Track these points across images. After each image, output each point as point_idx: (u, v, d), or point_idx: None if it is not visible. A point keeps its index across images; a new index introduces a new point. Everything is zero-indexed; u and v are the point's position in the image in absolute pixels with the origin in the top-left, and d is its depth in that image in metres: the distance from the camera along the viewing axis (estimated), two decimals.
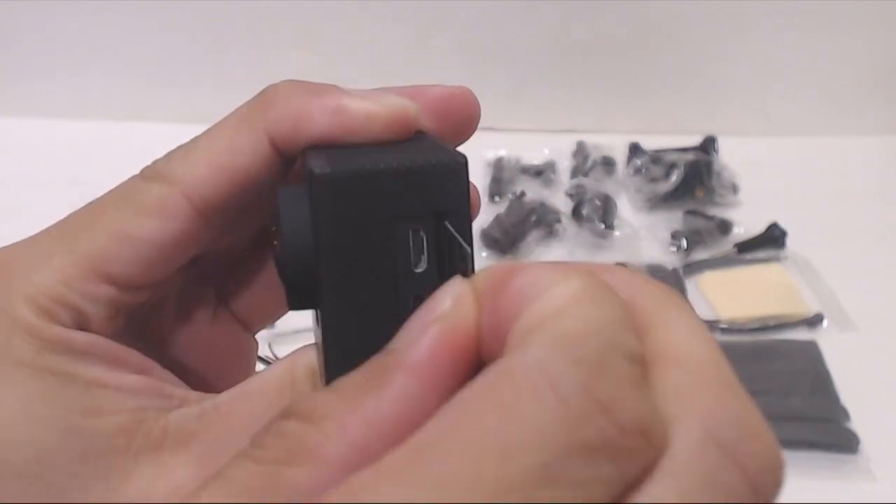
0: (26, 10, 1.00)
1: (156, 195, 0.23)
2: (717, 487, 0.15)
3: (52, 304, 0.23)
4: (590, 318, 0.15)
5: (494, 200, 0.93)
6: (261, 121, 0.23)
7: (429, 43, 1.03)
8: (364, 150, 0.23)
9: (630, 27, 1.02)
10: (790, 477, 0.60)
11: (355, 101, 0.23)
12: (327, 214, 0.20)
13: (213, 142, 0.24)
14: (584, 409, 0.14)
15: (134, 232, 0.23)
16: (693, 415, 0.15)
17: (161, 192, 0.23)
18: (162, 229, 0.23)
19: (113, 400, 0.23)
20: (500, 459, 0.14)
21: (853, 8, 0.99)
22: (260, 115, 0.23)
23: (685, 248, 0.85)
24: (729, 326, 0.76)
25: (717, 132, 0.99)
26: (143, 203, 0.23)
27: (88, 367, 0.23)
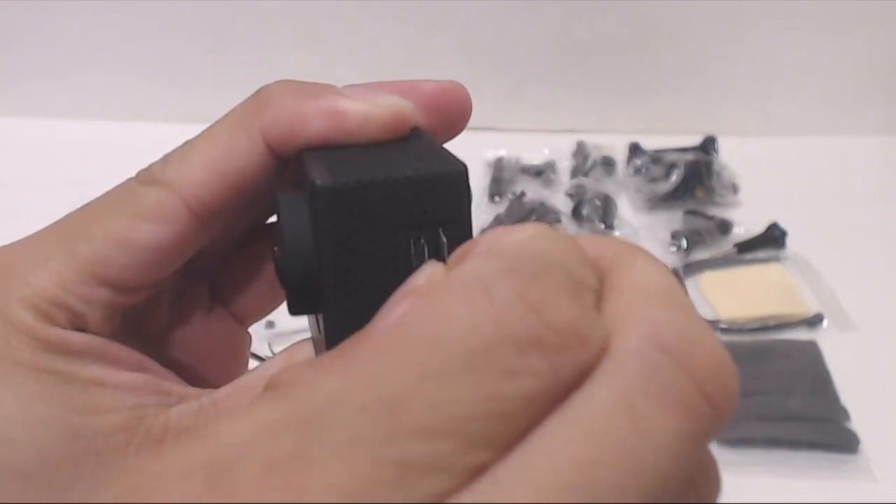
0: (26, 10, 1.00)
1: (153, 200, 0.23)
2: (662, 387, 0.15)
3: (49, 307, 0.23)
4: (537, 246, 0.16)
5: (494, 200, 0.93)
6: (256, 123, 0.23)
7: (429, 43, 1.03)
8: (361, 151, 0.23)
9: (630, 27, 1.02)
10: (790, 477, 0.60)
11: (351, 104, 0.23)
12: (329, 224, 0.21)
13: (209, 145, 0.24)
14: (513, 307, 0.14)
15: (131, 236, 0.23)
16: (636, 324, 0.15)
17: (158, 197, 0.23)
18: (159, 234, 0.23)
19: (111, 398, 0.23)
20: (428, 348, 0.14)
21: (853, 8, 0.99)
22: (255, 118, 0.23)
23: (685, 248, 0.85)
24: (729, 326, 0.76)
25: (717, 132, 0.99)
26: (141, 207, 0.23)
27: (86, 367, 0.23)
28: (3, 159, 0.96)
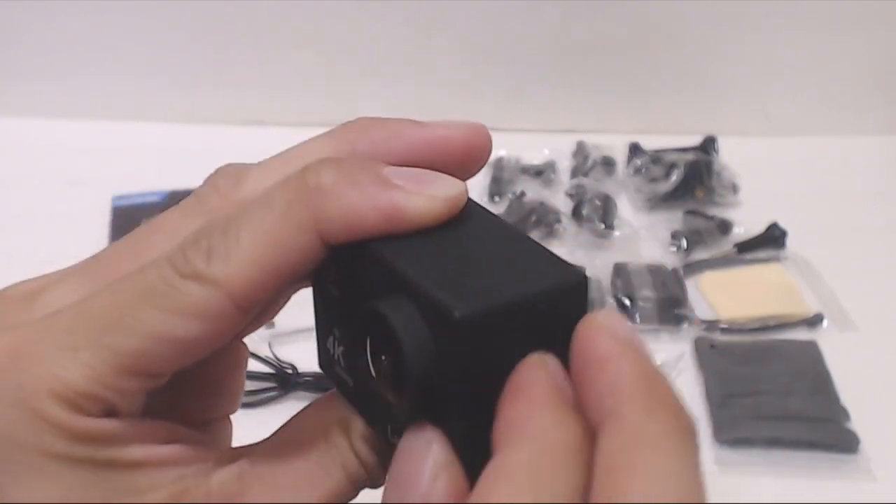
0: (26, 10, 1.00)
1: (198, 298, 0.22)
2: None
3: (81, 400, 0.22)
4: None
5: (494, 200, 0.93)
6: (309, 216, 0.22)
7: (429, 43, 1.03)
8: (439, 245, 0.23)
9: (630, 27, 1.02)
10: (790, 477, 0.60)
11: (411, 200, 0.22)
12: (463, 350, 0.21)
13: (257, 239, 0.22)
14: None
15: (174, 334, 0.22)
16: None
17: (204, 295, 0.22)
18: (203, 330, 0.22)
19: (152, 476, 0.23)
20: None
21: (853, 8, 0.99)
22: (308, 210, 0.22)
23: (685, 248, 0.85)
24: (729, 326, 0.76)
25: (717, 132, 0.99)
26: (185, 304, 0.22)
27: (123, 451, 0.23)
28: (3, 159, 0.96)
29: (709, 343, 0.73)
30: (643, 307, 0.76)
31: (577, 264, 0.82)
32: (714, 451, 0.64)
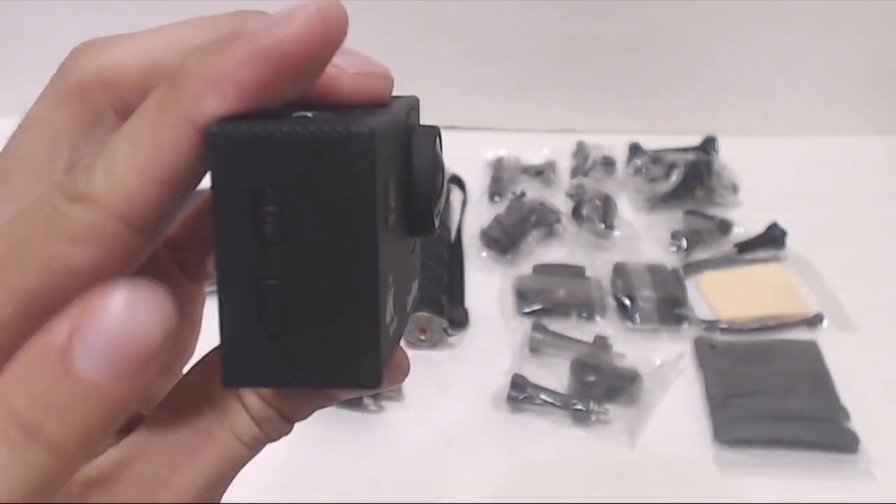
0: (26, 10, 1.00)
1: (83, 221, 0.20)
2: None
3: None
4: None
5: (494, 200, 0.93)
6: (181, 112, 0.20)
7: (429, 43, 1.03)
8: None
9: (630, 27, 1.02)
10: (790, 477, 0.61)
11: (273, 34, 0.20)
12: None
13: (133, 148, 0.20)
14: None
15: (68, 262, 0.20)
16: None
17: (88, 218, 0.20)
18: (98, 256, 0.20)
19: None
20: None
21: (853, 8, 0.99)
22: (179, 105, 0.20)
23: (685, 248, 0.85)
24: (729, 326, 0.76)
25: (717, 132, 0.99)
26: (72, 230, 0.20)
27: None
28: None
29: (709, 343, 0.73)
30: (643, 307, 0.76)
31: (577, 264, 0.82)
32: (714, 451, 0.64)
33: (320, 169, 0.20)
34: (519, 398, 0.67)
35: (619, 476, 0.63)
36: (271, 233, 0.20)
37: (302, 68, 0.20)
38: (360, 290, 0.20)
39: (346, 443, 0.65)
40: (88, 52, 0.24)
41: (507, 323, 0.77)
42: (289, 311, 0.21)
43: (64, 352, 0.18)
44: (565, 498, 0.62)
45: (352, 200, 0.20)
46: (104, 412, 0.19)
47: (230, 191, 0.20)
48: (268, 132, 0.20)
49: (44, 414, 0.18)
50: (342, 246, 0.20)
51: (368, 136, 0.20)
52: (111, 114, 0.24)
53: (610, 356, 0.71)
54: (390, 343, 0.22)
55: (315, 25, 0.20)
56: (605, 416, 0.66)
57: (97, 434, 0.19)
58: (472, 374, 0.71)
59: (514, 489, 0.62)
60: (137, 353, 0.18)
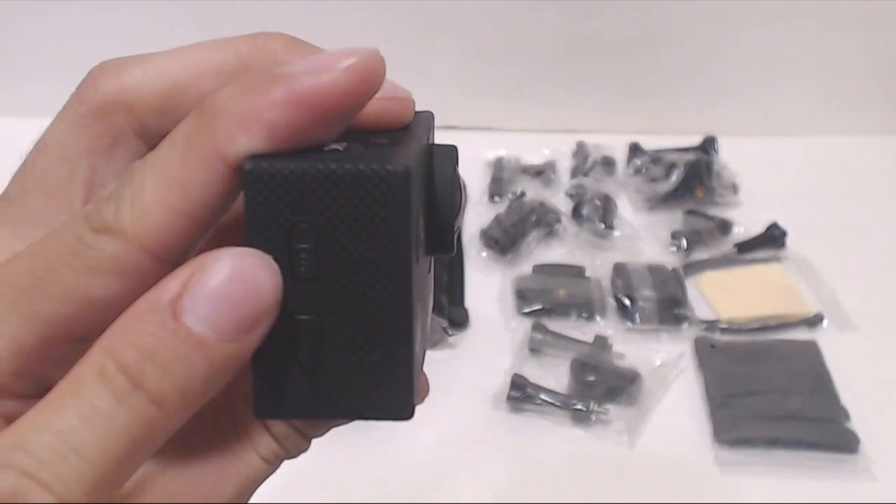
0: (26, 10, 1.00)
1: (110, 253, 0.20)
2: None
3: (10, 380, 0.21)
4: None
5: (494, 200, 0.93)
6: (211, 147, 0.20)
7: (429, 43, 1.03)
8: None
9: (630, 27, 1.02)
10: (790, 477, 0.60)
11: (306, 82, 0.20)
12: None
13: (162, 180, 0.20)
14: None
15: (93, 293, 0.20)
16: None
17: (115, 250, 0.20)
18: (123, 287, 0.20)
19: None
20: None
21: (853, 8, 0.99)
22: (209, 140, 0.20)
23: (685, 248, 0.85)
24: (729, 326, 0.76)
25: (717, 132, 0.99)
26: (97, 262, 0.20)
27: None
28: (3, 160, 0.96)
29: (709, 343, 0.73)
30: (643, 307, 0.76)
31: (577, 264, 0.82)
32: (714, 451, 0.64)
33: (355, 206, 0.20)
34: (519, 398, 0.67)
35: (619, 476, 0.63)
36: (306, 268, 0.20)
37: (336, 117, 0.20)
38: (394, 324, 0.21)
39: (347, 443, 0.65)
40: (108, 74, 0.24)
41: (507, 323, 0.77)
42: (323, 345, 0.21)
43: (173, 306, 0.19)
44: (565, 498, 0.62)
45: (387, 238, 0.20)
46: (208, 369, 0.19)
47: (265, 227, 0.20)
48: (303, 170, 0.20)
49: (149, 365, 0.19)
50: (377, 282, 0.20)
51: (404, 174, 0.20)
52: (131, 136, 0.24)
53: (610, 356, 0.71)
54: (419, 371, 0.23)
55: (354, 78, 0.20)
56: (605, 416, 0.66)
57: (199, 391, 0.19)
58: (472, 374, 0.71)
59: (514, 489, 0.62)
60: (245, 312, 0.19)
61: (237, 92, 0.20)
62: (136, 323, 0.19)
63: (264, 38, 0.24)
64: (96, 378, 0.19)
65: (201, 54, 0.24)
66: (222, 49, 0.24)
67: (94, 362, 0.19)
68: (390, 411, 0.21)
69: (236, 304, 0.19)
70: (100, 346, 0.19)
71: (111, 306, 0.20)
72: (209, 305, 0.19)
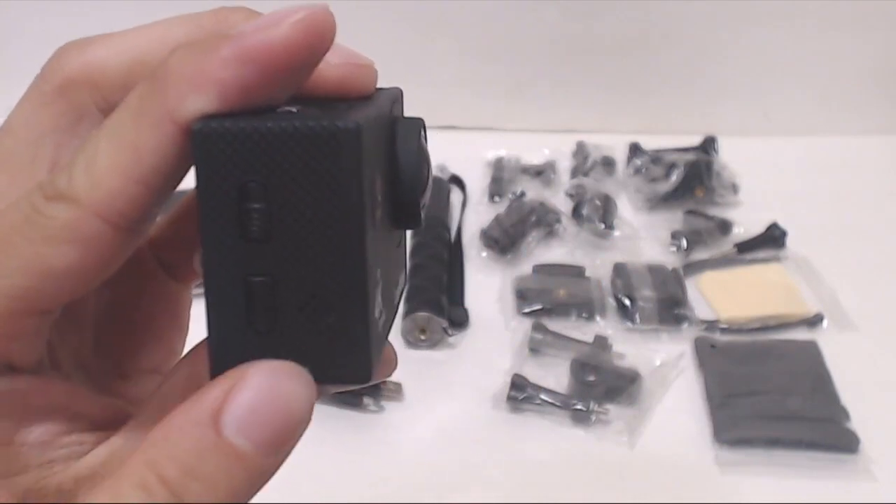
0: (26, 10, 1.00)
1: (64, 220, 0.20)
2: None
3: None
4: None
5: (494, 200, 0.93)
6: (162, 110, 0.20)
7: (429, 43, 1.03)
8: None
9: (630, 27, 1.02)
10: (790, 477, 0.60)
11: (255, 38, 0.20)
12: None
13: (115, 145, 0.20)
14: None
15: (51, 263, 0.20)
16: None
17: (69, 217, 0.20)
18: (81, 255, 0.20)
19: (17, 458, 0.22)
20: None
21: (853, 8, 0.99)
22: (160, 103, 0.20)
23: (685, 248, 0.85)
24: (729, 326, 0.76)
25: (717, 132, 0.99)
26: (53, 230, 0.20)
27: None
28: None
29: (709, 343, 0.73)
30: (643, 307, 0.76)
31: (577, 264, 0.82)
32: (714, 451, 0.64)
33: (306, 164, 0.20)
34: (519, 398, 0.67)
35: (619, 476, 0.63)
36: (257, 229, 0.20)
37: (286, 73, 0.20)
38: (349, 285, 0.20)
39: (346, 443, 0.65)
40: (71, 52, 0.24)
41: (507, 323, 0.77)
42: (277, 307, 0.21)
43: (215, 420, 0.19)
44: (565, 498, 0.62)
45: (339, 196, 0.20)
46: (248, 482, 0.19)
47: (215, 188, 0.20)
48: (252, 128, 0.20)
49: (191, 480, 0.19)
50: (330, 242, 0.20)
51: (354, 130, 0.20)
52: (95, 112, 0.24)
53: (610, 356, 0.71)
54: (380, 337, 0.22)
55: (302, 31, 0.20)
56: (605, 416, 0.66)
57: (237, 501, 0.19)
58: (472, 374, 0.71)
59: (514, 489, 0.62)
60: (284, 425, 0.19)
61: (187, 54, 0.20)
62: (177, 436, 0.19)
63: (226, 12, 0.24)
64: (138, 491, 0.19)
65: (164, 29, 0.24)
66: (185, 24, 0.24)
67: (135, 475, 0.19)
68: (347, 374, 0.21)
69: (273, 417, 0.19)
70: (141, 460, 0.19)
71: (73, 276, 0.20)
72: (249, 420, 0.19)
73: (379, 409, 0.68)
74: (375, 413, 0.68)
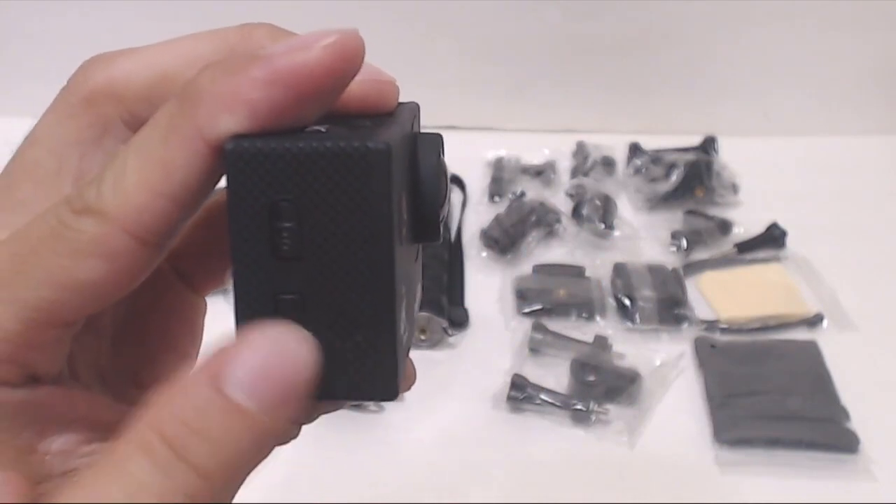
0: (26, 10, 1.00)
1: (92, 235, 0.20)
2: None
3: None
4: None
5: (494, 200, 0.93)
6: (193, 128, 0.20)
7: (429, 43, 1.03)
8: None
9: (630, 27, 1.02)
10: (790, 477, 0.61)
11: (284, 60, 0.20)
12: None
13: (143, 162, 0.20)
14: None
15: (77, 276, 0.20)
16: None
17: (97, 231, 0.20)
18: (107, 270, 0.20)
19: (40, 467, 0.22)
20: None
21: (853, 8, 0.99)
22: (190, 121, 0.20)
23: (685, 248, 0.85)
24: (729, 326, 0.76)
25: (717, 132, 0.99)
26: (80, 244, 0.20)
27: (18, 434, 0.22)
28: (3, 160, 0.96)
29: (709, 343, 0.73)
30: (643, 307, 0.76)
31: (577, 264, 0.82)
32: (714, 451, 0.64)
33: (337, 184, 0.20)
34: (519, 398, 0.67)
35: (619, 476, 0.63)
36: (288, 248, 0.20)
37: (316, 96, 0.20)
38: (377, 304, 0.21)
39: (346, 443, 0.65)
40: (98, 65, 0.25)
41: (507, 323, 0.77)
42: (306, 325, 0.21)
43: (217, 378, 0.19)
44: (565, 498, 0.62)
45: (369, 215, 0.20)
46: (253, 442, 0.19)
47: (247, 206, 0.20)
48: (284, 149, 0.20)
49: (193, 437, 0.18)
50: (359, 260, 0.20)
51: (385, 151, 0.20)
52: (120, 125, 0.24)
53: (610, 356, 0.71)
54: (404, 353, 0.23)
55: (333, 56, 0.20)
56: (605, 416, 0.66)
57: (243, 463, 0.19)
58: (472, 374, 0.71)
59: (514, 489, 0.62)
60: (288, 385, 0.19)
61: (218, 73, 0.20)
62: (179, 396, 0.19)
63: (250, 28, 0.25)
64: (140, 451, 0.19)
65: (190, 45, 0.25)
66: (210, 39, 0.25)
67: (138, 435, 0.19)
68: (375, 392, 0.21)
69: (276, 379, 0.19)
70: (143, 421, 0.19)
71: (98, 290, 0.20)
72: (251, 379, 0.19)
73: (379, 409, 0.68)
74: (375, 413, 0.68)
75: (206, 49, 0.24)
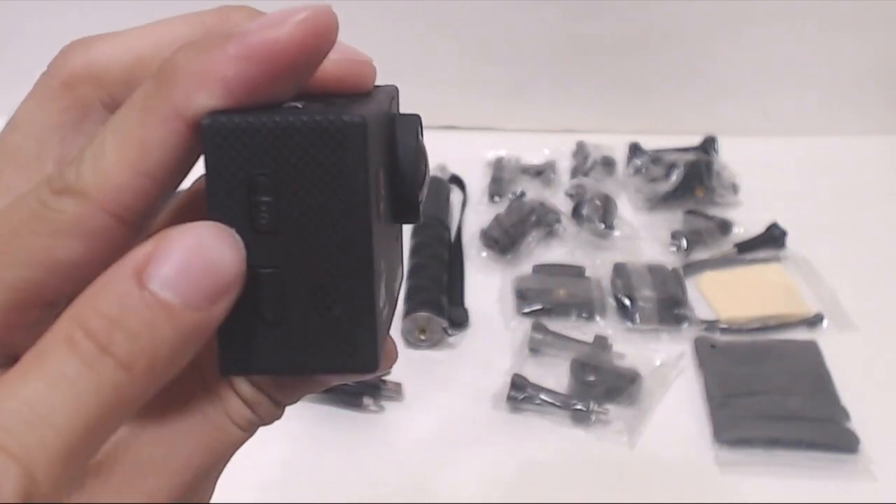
0: (26, 10, 1.00)
1: (72, 214, 0.20)
2: None
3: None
4: None
5: (494, 200, 0.93)
6: (169, 105, 0.20)
7: (429, 43, 1.03)
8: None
9: (630, 27, 1.02)
10: (790, 477, 0.61)
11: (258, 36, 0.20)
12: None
13: (121, 141, 0.20)
14: None
15: (57, 256, 0.20)
16: None
17: (77, 210, 0.20)
18: (88, 248, 0.20)
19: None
20: None
21: (853, 8, 0.99)
22: (167, 99, 0.20)
23: (685, 248, 0.85)
24: (729, 326, 0.76)
25: (717, 132, 0.99)
26: (60, 223, 0.20)
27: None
28: None
29: (709, 343, 0.73)
30: (643, 307, 0.76)
31: (577, 264, 0.82)
32: (714, 451, 0.64)
33: (313, 157, 0.20)
34: (519, 398, 0.67)
35: (619, 476, 0.63)
36: (266, 222, 0.20)
37: (290, 71, 0.20)
38: (355, 276, 0.21)
39: (346, 443, 0.65)
40: (76, 49, 0.25)
41: (507, 323, 0.77)
42: (285, 299, 0.21)
43: (140, 273, 0.19)
44: (565, 498, 0.62)
45: (345, 188, 0.20)
46: (175, 336, 0.19)
47: (224, 181, 0.20)
48: (261, 123, 0.20)
49: (116, 331, 0.19)
50: (337, 233, 0.21)
51: (360, 124, 0.20)
52: (100, 108, 0.25)
53: (610, 356, 0.71)
54: (384, 328, 0.23)
55: (305, 31, 0.20)
56: (605, 416, 0.66)
57: (167, 358, 0.19)
58: (472, 374, 0.71)
59: (514, 489, 0.62)
60: (212, 282, 0.19)
61: (192, 52, 0.20)
62: (102, 291, 0.19)
63: (227, 10, 0.25)
64: (63, 345, 0.19)
65: (168, 27, 0.25)
66: (188, 22, 0.25)
67: (62, 330, 0.19)
68: (355, 364, 0.21)
69: (200, 274, 0.19)
70: (67, 315, 0.19)
71: (78, 269, 0.21)
72: (174, 273, 0.19)
73: (379, 409, 0.68)
74: (375, 413, 0.68)
75: (184, 31, 0.24)
